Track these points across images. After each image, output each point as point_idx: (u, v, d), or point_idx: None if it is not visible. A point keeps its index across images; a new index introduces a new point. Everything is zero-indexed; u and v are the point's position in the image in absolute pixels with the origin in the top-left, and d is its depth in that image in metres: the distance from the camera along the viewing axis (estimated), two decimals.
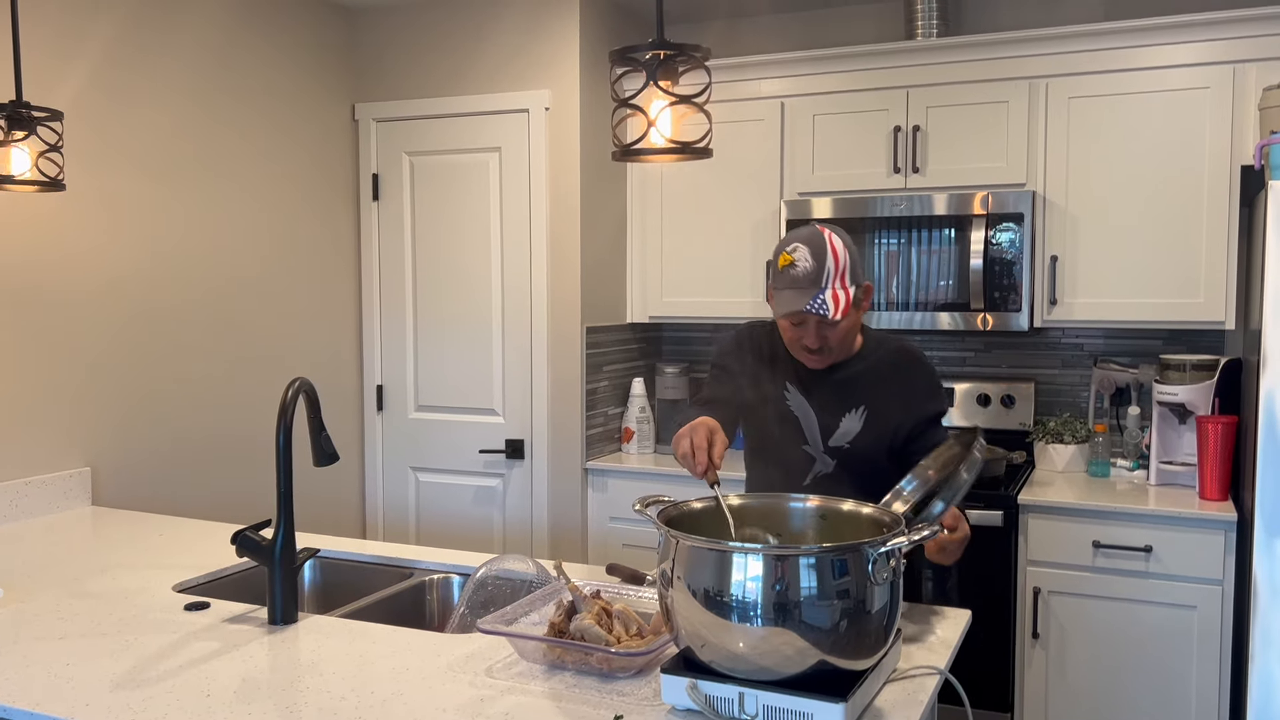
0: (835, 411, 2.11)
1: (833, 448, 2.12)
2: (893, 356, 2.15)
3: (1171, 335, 3.37)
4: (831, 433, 2.12)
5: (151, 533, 2.53)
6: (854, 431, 2.10)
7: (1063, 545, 2.96)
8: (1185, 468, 3.09)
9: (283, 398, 1.87)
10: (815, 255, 1.95)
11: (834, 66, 3.39)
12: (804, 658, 1.35)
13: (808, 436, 2.13)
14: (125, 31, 2.93)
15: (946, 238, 3.23)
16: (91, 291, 2.86)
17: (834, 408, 2.11)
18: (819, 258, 1.95)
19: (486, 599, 2.01)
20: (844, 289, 1.95)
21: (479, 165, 3.64)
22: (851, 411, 2.11)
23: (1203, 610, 2.84)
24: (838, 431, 2.11)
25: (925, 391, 2.14)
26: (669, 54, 1.47)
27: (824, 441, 2.12)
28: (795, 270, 1.96)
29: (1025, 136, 3.19)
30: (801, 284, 1.95)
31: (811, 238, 1.98)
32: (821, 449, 2.13)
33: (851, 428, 2.11)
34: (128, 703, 1.49)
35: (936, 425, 2.15)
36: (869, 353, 2.15)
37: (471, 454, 3.72)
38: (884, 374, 2.12)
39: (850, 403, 2.11)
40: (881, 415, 2.10)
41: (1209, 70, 2.98)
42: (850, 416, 2.11)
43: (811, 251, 1.96)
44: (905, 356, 2.16)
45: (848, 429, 2.11)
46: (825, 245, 1.96)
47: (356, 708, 1.48)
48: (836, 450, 2.12)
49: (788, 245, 2.00)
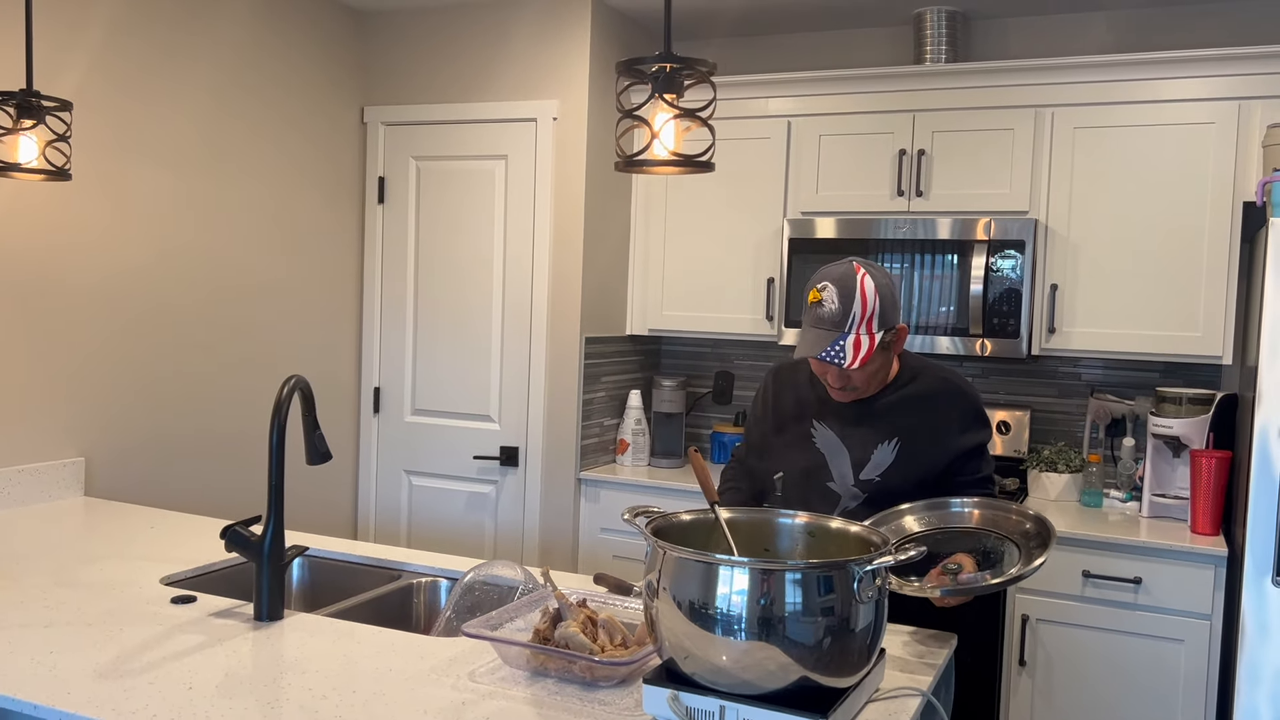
0: (868, 443, 2.06)
1: (863, 480, 2.06)
2: (930, 386, 2.08)
3: (1169, 368, 3.38)
4: (863, 466, 2.06)
5: (142, 525, 2.54)
6: (886, 464, 2.05)
7: (1052, 574, 2.95)
8: (1177, 501, 3.09)
9: (277, 394, 1.88)
10: (842, 298, 1.89)
11: (841, 88, 3.41)
12: (786, 673, 1.36)
13: (834, 474, 2.08)
14: (137, 26, 2.95)
15: (948, 262, 3.24)
16: (93, 283, 2.87)
17: (867, 440, 2.06)
18: (846, 301, 1.89)
19: (473, 603, 2.01)
20: (869, 334, 1.89)
21: (485, 172, 3.66)
22: (885, 443, 2.05)
23: (1190, 644, 2.84)
24: (869, 464, 2.06)
25: (962, 423, 2.06)
26: (675, 68, 1.49)
27: (855, 475, 2.07)
28: (820, 310, 1.90)
29: (1029, 164, 3.20)
30: (824, 325, 1.90)
31: (843, 277, 1.91)
32: (851, 483, 2.07)
33: (884, 460, 2.05)
34: (110, 692, 1.49)
35: (977, 457, 2.09)
36: (904, 382, 2.08)
37: (466, 459, 3.72)
38: (919, 405, 2.06)
39: (883, 434, 2.05)
40: (915, 447, 2.04)
41: (1214, 106, 3.00)
42: (883, 448, 2.05)
43: (839, 293, 1.90)
44: (943, 385, 2.08)
45: (880, 461, 2.05)
46: (855, 287, 1.89)
47: (337, 706, 1.48)
48: (867, 484, 2.06)
49: (818, 282, 1.94)
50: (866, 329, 1.90)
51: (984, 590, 1.76)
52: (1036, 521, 1.88)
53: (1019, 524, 1.89)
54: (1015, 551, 1.84)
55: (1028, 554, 1.81)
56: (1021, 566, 1.77)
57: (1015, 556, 1.83)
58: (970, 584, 1.76)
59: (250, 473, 3.41)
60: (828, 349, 1.88)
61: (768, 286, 3.53)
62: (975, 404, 2.10)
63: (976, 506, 1.96)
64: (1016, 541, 1.86)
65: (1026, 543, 1.85)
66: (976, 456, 2.09)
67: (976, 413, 2.10)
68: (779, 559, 1.66)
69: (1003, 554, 1.87)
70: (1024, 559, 1.80)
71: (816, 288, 1.93)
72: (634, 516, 1.61)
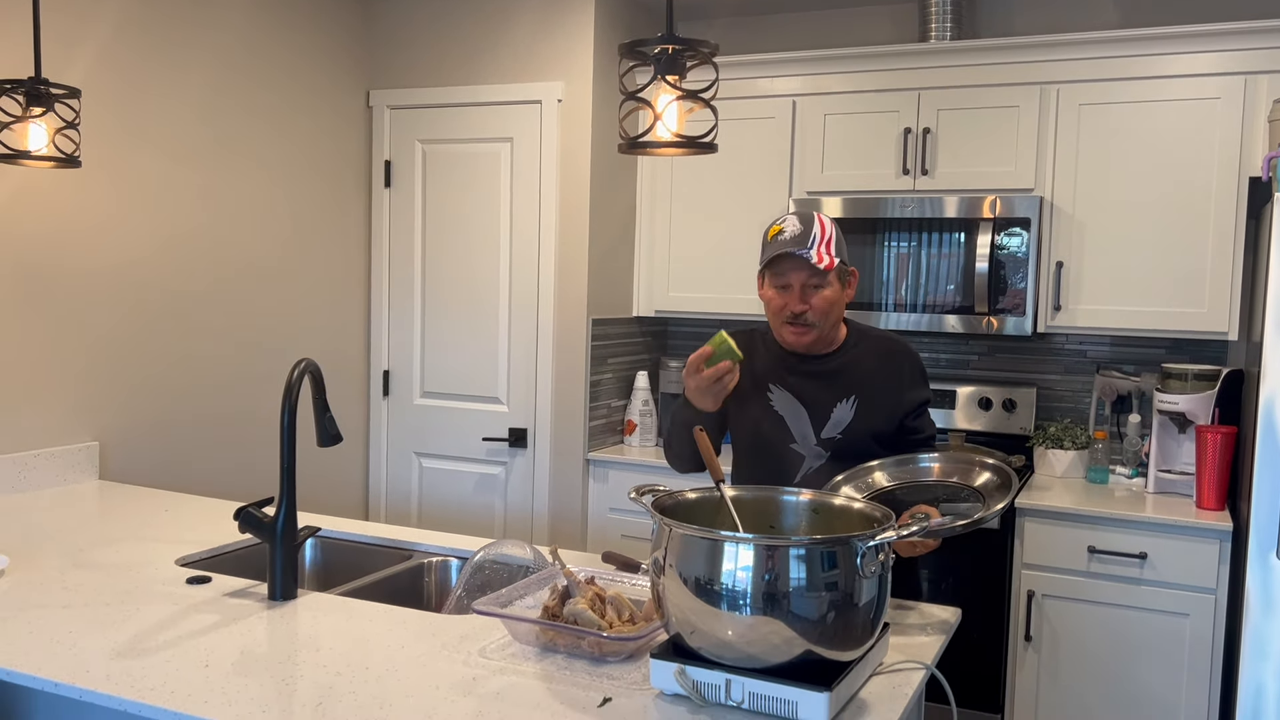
0: (826, 403, 2.16)
1: (825, 439, 2.16)
2: (878, 345, 2.22)
3: (1175, 344, 3.38)
4: (824, 424, 2.16)
5: (157, 508, 2.57)
6: (846, 421, 2.15)
7: (1058, 550, 2.97)
8: (1183, 476, 3.10)
9: (288, 378, 1.90)
10: (803, 221, 2.07)
11: (846, 67, 3.41)
12: (791, 647, 1.38)
13: (795, 435, 2.17)
14: (145, 12, 2.96)
15: (953, 240, 3.24)
16: (104, 268, 2.90)
17: (825, 399, 2.16)
18: (806, 223, 2.06)
19: (483, 582, 2.04)
20: (829, 254, 2.04)
21: (491, 155, 3.67)
22: (842, 401, 2.16)
23: (1195, 618, 2.86)
24: (830, 422, 2.16)
25: (910, 378, 2.21)
26: (677, 49, 1.50)
27: (816, 434, 2.16)
28: (782, 236, 2.06)
29: (1035, 141, 3.20)
30: (788, 244, 2.04)
31: (799, 210, 2.15)
32: (814, 443, 2.17)
33: (843, 417, 2.15)
34: (128, 670, 1.53)
35: (924, 413, 2.23)
36: (854, 344, 2.21)
37: (475, 441, 3.75)
38: (872, 363, 2.19)
39: (840, 393, 2.16)
40: (872, 403, 2.16)
41: (1220, 80, 2.99)
42: (841, 406, 2.16)
43: (799, 219, 2.08)
44: (891, 344, 2.23)
45: (840, 419, 2.16)
46: (813, 216, 2.08)
47: (351, 683, 1.51)
48: (829, 441, 2.16)
49: (777, 219, 2.12)
50: (827, 248, 2.05)
51: (951, 533, 1.84)
52: (996, 470, 1.97)
53: (981, 473, 2.00)
54: (980, 499, 1.94)
55: (991, 499, 1.91)
56: (985, 509, 1.87)
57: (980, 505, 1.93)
58: (938, 527, 1.82)
59: (262, 454, 3.44)
60: (796, 250, 2.02)
61: None
62: (919, 362, 2.26)
63: (939, 460, 2.07)
64: (981, 491, 1.96)
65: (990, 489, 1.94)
66: (922, 414, 2.22)
67: (921, 370, 2.25)
68: (783, 535, 1.68)
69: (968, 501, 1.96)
70: (986, 504, 1.90)
71: (775, 222, 2.11)
72: (640, 495, 1.63)
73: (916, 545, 1.96)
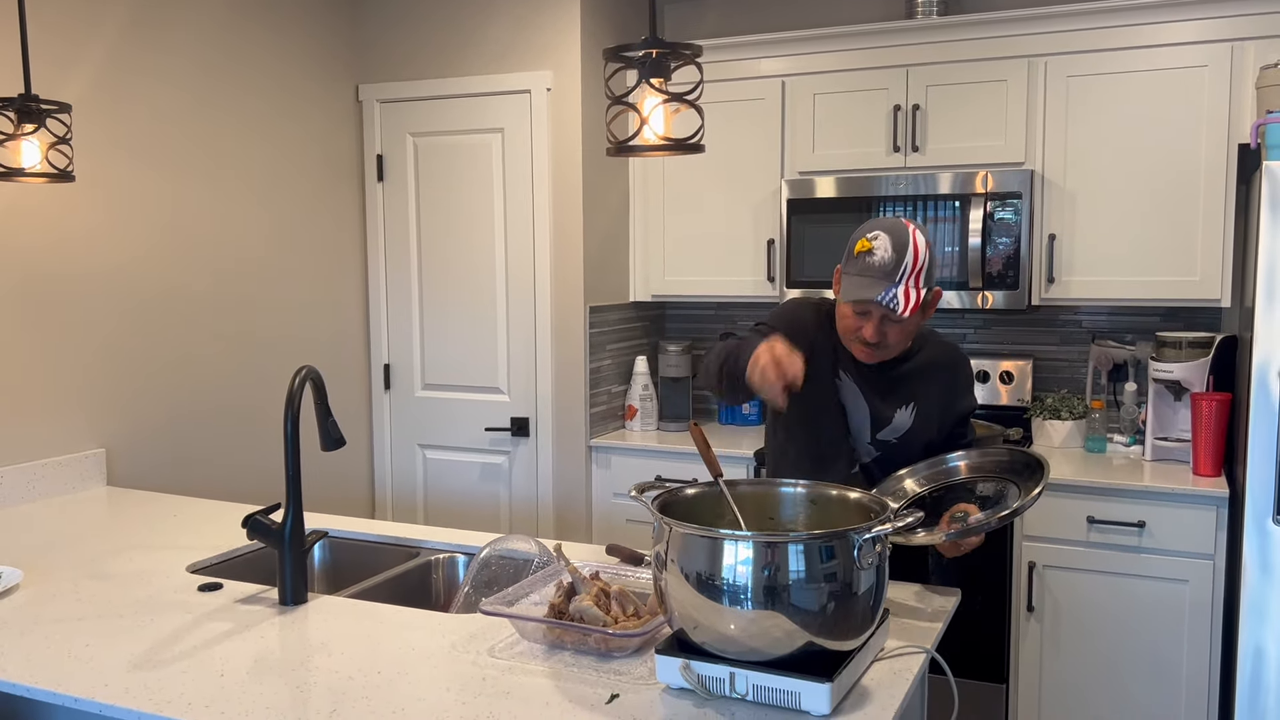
0: (889, 406, 2.11)
1: (879, 440, 2.12)
2: (940, 352, 2.16)
3: (1169, 312, 3.40)
4: (882, 427, 2.12)
5: (165, 513, 2.60)
6: (905, 427, 2.11)
7: (1058, 520, 3.01)
8: (1180, 444, 3.13)
9: (289, 386, 1.92)
10: (896, 247, 1.88)
11: (834, 45, 3.40)
12: (792, 639, 1.41)
13: (852, 428, 2.13)
14: (131, 18, 2.96)
15: (947, 216, 3.25)
16: (102, 277, 2.92)
17: (889, 402, 2.11)
18: (899, 250, 1.88)
19: (490, 578, 2.08)
20: (916, 288, 1.89)
21: (482, 146, 3.67)
22: (904, 407, 2.11)
23: (1194, 584, 2.89)
24: (890, 426, 2.12)
25: (965, 387, 2.17)
26: (661, 53, 1.51)
27: (872, 434, 2.12)
28: (872, 258, 1.90)
29: (1024, 115, 3.20)
30: (876, 273, 1.89)
31: (895, 228, 1.91)
32: (867, 440, 2.13)
33: (903, 424, 2.11)
34: (145, 683, 1.56)
35: (966, 422, 2.19)
36: (919, 348, 2.14)
37: (477, 432, 3.78)
38: (933, 371, 2.13)
39: (903, 399, 2.11)
40: (928, 411, 2.12)
41: (1207, 49, 2.99)
42: (902, 412, 2.11)
43: (893, 242, 1.89)
44: (952, 353, 2.18)
45: (899, 424, 2.12)
46: (908, 239, 1.89)
47: (364, 686, 1.54)
48: (883, 444, 2.13)
49: (869, 231, 1.93)
50: (915, 282, 1.89)
51: (992, 527, 1.84)
52: (1027, 456, 1.97)
53: (1011, 463, 2.00)
54: (1014, 489, 1.94)
55: (1025, 489, 1.91)
56: (1021, 499, 1.86)
57: (1015, 494, 1.92)
58: (978, 524, 1.83)
59: (266, 454, 3.47)
60: (883, 294, 1.88)
61: (768, 248, 3.55)
62: (971, 369, 2.21)
63: (966, 458, 2.07)
64: (1013, 479, 1.96)
65: (1021, 478, 1.94)
66: (966, 422, 2.19)
67: (971, 377, 2.21)
68: (782, 529, 1.71)
69: (1004, 494, 1.96)
70: (1022, 494, 1.90)
71: (867, 236, 1.93)
72: (641, 493, 1.66)
73: (961, 545, 1.92)
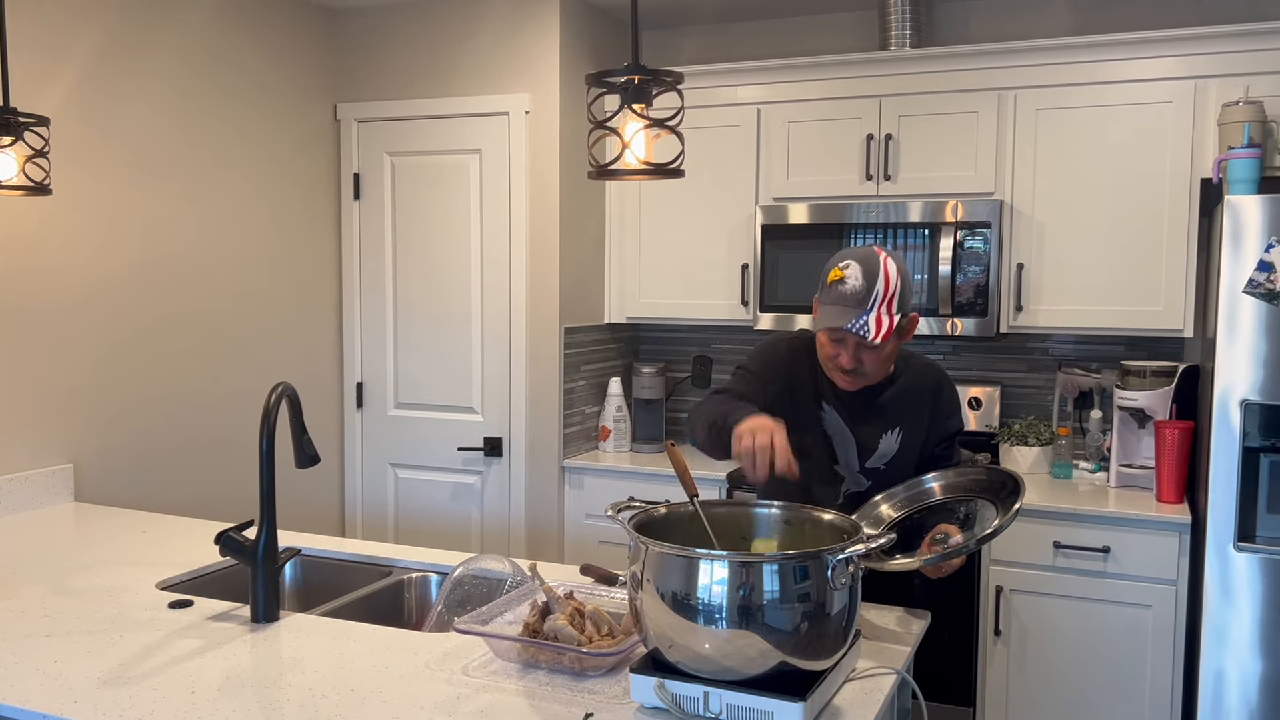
0: (875, 434, 2.13)
1: (869, 469, 2.14)
2: (922, 376, 2.17)
3: (1133, 342, 3.47)
4: (869, 454, 2.13)
5: (134, 530, 2.58)
6: (892, 453, 2.13)
7: (1025, 545, 3.05)
8: (1144, 471, 3.18)
9: (265, 403, 1.92)
10: (866, 275, 1.94)
11: (809, 75, 3.46)
12: (766, 659, 1.42)
13: (839, 456, 2.14)
14: (108, 37, 2.96)
15: (917, 244, 3.30)
16: (75, 291, 2.90)
17: (873, 429, 2.13)
18: (870, 278, 1.93)
19: (463, 597, 2.08)
20: (889, 315, 1.93)
21: (459, 166, 3.69)
22: (889, 432, 2.13)
23: (1157, 609, 2.94)
24: (876, 453, 2.13)
25: (949, 410, 2.19)
26: (643, 79, 1.53)
27: (861, 462, 2.14)
28: (844, 287, 1.94)
29: (994, 146, 3.27)
30: (848, 301, 1.94)
31: (866, 257, 1.96)
32: (857, 469, 2.14)
33: (890, 449, 2.13)
34: (115, 700, 1.55)
35: (953, 443, 2.20)
36: (901, 373, 2.16)
37: (450, 451, 3.77)
38: (916, 395, 2.15)
39: (888, 424, 2.13)
40: (914, 435, 2.14)
41: (1172, 85, 3.07)
42: (888, 438, 2.13)
43: (864, 271, 1.94)
44: (934, 374, 2.19)
45: (886, 450, 2.13)
46: (879, 267, 1.94)
47: (337, 705, 1.54)
48: (873, 471, 2.14)
49: (840, 261, 1.98)
50: (887, 308, 1.93)
51: (971, 549, 1.86)
52: (1002, 474, 2.00)
53: (988, 482, 2.01)
54: (991, 508, 1.95)
55: (1003, 507, 1.92)
56: (1001, 517, 1.88)
57: (991, 512, 1.94)
58: (957, 548, 1.85)
59: (237, 471, 3.45)
60: (853, 321, 1.92)
61: (742, 272, 3.59)
62: (954, 391, 2.22)
63: (941, 478, 2.08)
64: (989, 498, 1.98)
65: (999, 496, 1.96)
66: (953, 443, 2.20)
67: (955, 399, 2.22)
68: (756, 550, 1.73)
69: (979, 513, 1.97)
70: (1000, 511, 1.91)
71: (839, 266, 1.97)
72: (617, 512, 1.67)
73: (942, 567, 1.95)
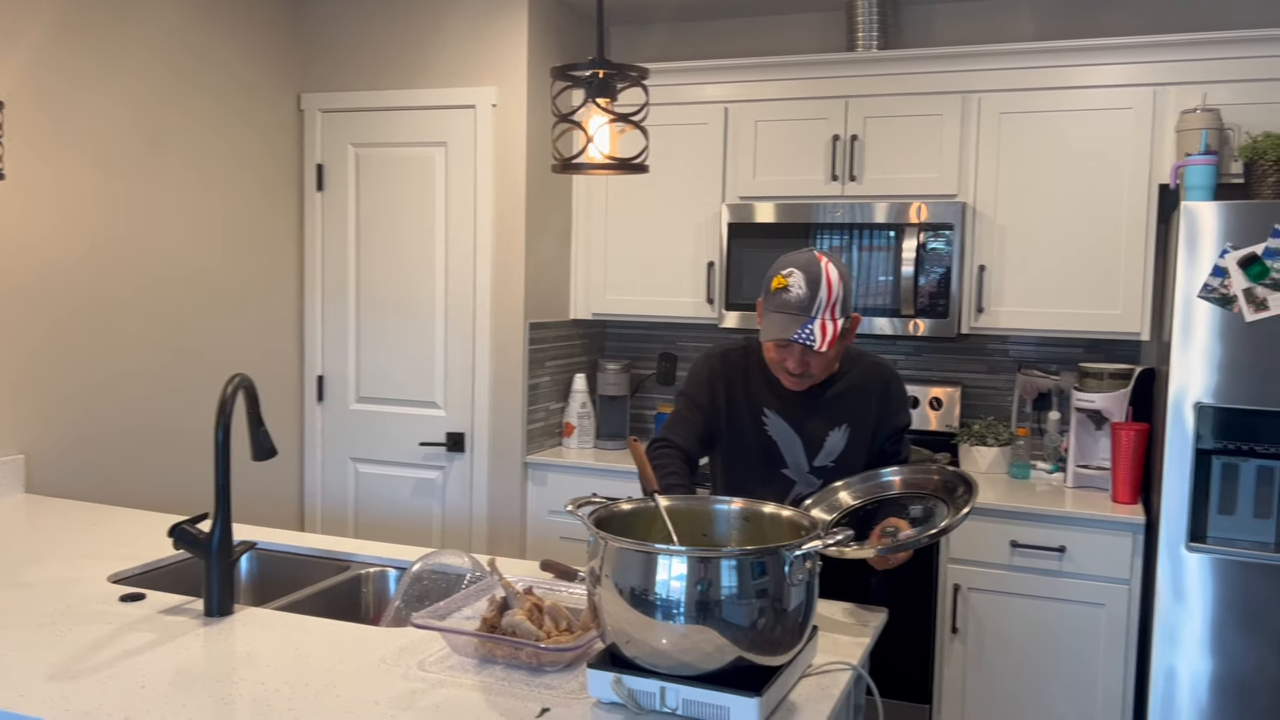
0: (821, 431, 2.15)
1: (818, 468, 2.16)
2: (869, 372, 2.20)
3: (1092, 344, 3.51)
4: (817, 452, 2.16)
5: (86, 522, 2.53)
6: (839, 449, 2.15)
7: (982, 544, 3.08)
8: (1100, 472, 3.23)
9: (221, 394, 1.90)
10: (809, 283, 1.96)
11: (776, 74, 3.47)
12: (723, 654, 1.43)
13: (788, 460, 2.17)
14: (67, 20, 2.90)
15: (881, 245, 3.33)
16: (28, 279, 2.84)
17: (819, 428, 2.15)
18: (813, 286, 1.96)
19: (422, 592, 2.06)
20: (833, 320, 1.97)
21: (425, 159, 3.66)
22: (835, 430, 2.15)
23: (1110, 608, 2.98)
24: (823, 450, 2.16)
25: (897, 405, 2.21)
26: (608, 73, 1.53)
27: (809, 462, 2.16)
28: (788, 295, 1.97)
29: (958, 149, 3.30)
30: (792, 309, 1.97)
31: (808, 265, 1.98)
32: (806, 470, 2.16)
33: (836, 446, 2.15)
34: (63, 693, 1.52)
35: (903, 437, 2.23)
36: (846, 370, 2.18)
37: (412, 446, 3.75)
38: (863, 391, 2.17)
39: (834, 421, 2.15)
40: (862, 431, 2.16)
41: (1132, 91, 3.11)
42: (834, 435, 2.15)
43: (806, 279, 1.97)
44: (882, 371, 2.21)
45: (833, 447, 2.16)
46: (821, 275, 1.97)
47: (290, 700, 1.52)
48: (822, 470, 2.16)
49: (783, 269, 2.00)
50: (831, 315, 1.97)
51: (922, 544, 1.90)
52: (957, 477, 2.03)
53: (942, 482, 2.05)
54: (944, 508, 2.00)
55: (955, 507, 1.96)
56: (950, 517, 1.92)
57: (944, 512, 1.98)
58: (908, 540, 1.89)
59: (192, 464, 3.40)
60: (799, 331, 1.95)
61: (708, 270, 3.59)
62: (903, 387, 2.25)
63: (900, 474, 2.12)
64: (943, 498, 2.02)
65: (952, 497, 2.00)
66: (901, 438, 2.24)
67: (903, 395, 2.25)
68: (715, 545, 1.73)
69: (933, 511, 2.02)
70: (952, 511, 1.95)
71: (782, 274, 2.00)
72: (577, 508, 1.67)
73: (889, 559, 1.97)
